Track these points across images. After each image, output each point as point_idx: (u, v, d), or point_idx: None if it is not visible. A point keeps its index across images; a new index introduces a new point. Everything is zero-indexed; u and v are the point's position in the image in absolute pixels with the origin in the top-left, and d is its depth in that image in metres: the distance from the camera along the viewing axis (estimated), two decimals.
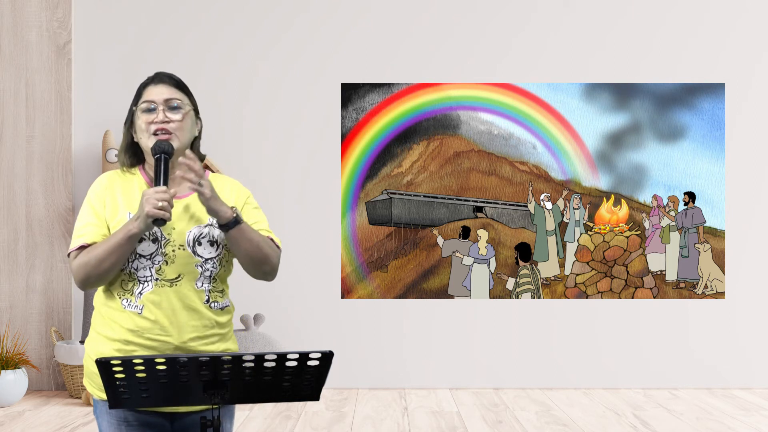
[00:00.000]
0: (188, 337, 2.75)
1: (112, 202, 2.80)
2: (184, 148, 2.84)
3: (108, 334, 2.78)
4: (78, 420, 5.78)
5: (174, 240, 2.75)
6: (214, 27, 6.89)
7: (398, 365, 6.91)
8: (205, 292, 2.79)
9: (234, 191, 2.92)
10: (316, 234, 6.86)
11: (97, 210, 2.79)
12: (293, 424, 5.65)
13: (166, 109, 2.80)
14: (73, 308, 6.77)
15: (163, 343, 2.73)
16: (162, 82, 2.83)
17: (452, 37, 6.92)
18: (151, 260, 2.74)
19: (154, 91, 2.81)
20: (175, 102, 2.81)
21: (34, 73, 6.76)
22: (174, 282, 2.75)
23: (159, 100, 2.79)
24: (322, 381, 2.54)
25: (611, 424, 5.66)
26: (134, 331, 2.74)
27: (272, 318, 6.81)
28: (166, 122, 2.78)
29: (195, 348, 2.75)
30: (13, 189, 6.74)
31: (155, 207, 2.64)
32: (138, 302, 2.74)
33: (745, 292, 6.91)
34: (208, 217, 2.79)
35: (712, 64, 6.92)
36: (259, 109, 6.88)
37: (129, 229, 2.68)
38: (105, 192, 2.82)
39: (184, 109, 2.83)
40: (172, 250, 2.75)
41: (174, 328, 2.74)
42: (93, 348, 2.82)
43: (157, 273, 2.74)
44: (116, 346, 2.75)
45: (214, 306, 2.81)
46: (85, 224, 2.79)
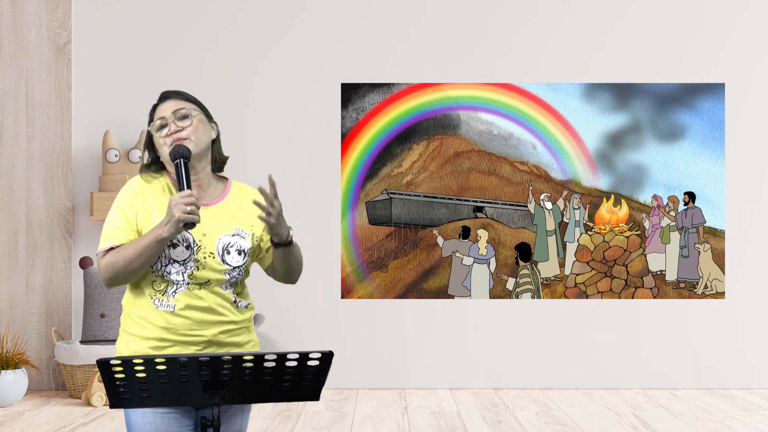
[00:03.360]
0: (219, 331, 2.86)
1: (144, 209, 2.89)
2: (202, 152, 2.93)
3: (140, 333, 2.85)
4: (78, 420, 5.78)
5: (205, 247, 2.86)
6: (214, 27, 6.89)
7: (398, 365, 6.91)
8: (232, 294, 2.91)
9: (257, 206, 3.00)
10: (316, 234, 6.86)
11: (128, 215, 2.88)
12: (293, 424, 5.65)
13: (176, 120, 2.90)
14: (73, 308, 6.77)
15: (198, 336, 2.84)
16: (168, 99, 2.95)
17: (452, 37, 6.92)
18: (184, 265, 2.85)
19: (163, 108, 2.93)
20: (182, 112, 2.91)
21: (34, 73, 6.76)
22: (204, 285, 2.85)
23: (168, 114, 2.91)
24: (322, 381, 2.55)
25: (611, 424, 5.66)
26: (168, 328, 2.83)
27: (272, 318, 6.81)
28: (178, 130, 2.89)
29: (224, 339, 2.87)
30: (13, 189, 6.75)
31: (184, 212, 2.74)
32: (171, 301, 2.84)
33: (745, 292, 6.91)
34: (235, 226, 2.92)
35: (712, 64, 6.92)
36: (259, 109, 6.89)
37: (159, 234, 2.77)
38: (136, 197, 2.90)
39: (192, 115, 2.92)
40: (204, 257, 2.85)
41: (206, 324, 2.85)
42: (126, 347, 2.89)
43: (189, 277, 2.84)
44: (151, 344, 2.84)
45: (241, 305, 2.93)
46: (115, 227, 2.87)
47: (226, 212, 2.94)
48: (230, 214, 2.94)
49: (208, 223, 2.89)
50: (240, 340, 2.91)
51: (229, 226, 2.91)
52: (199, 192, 2.94)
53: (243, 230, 2.93)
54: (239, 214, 2.95)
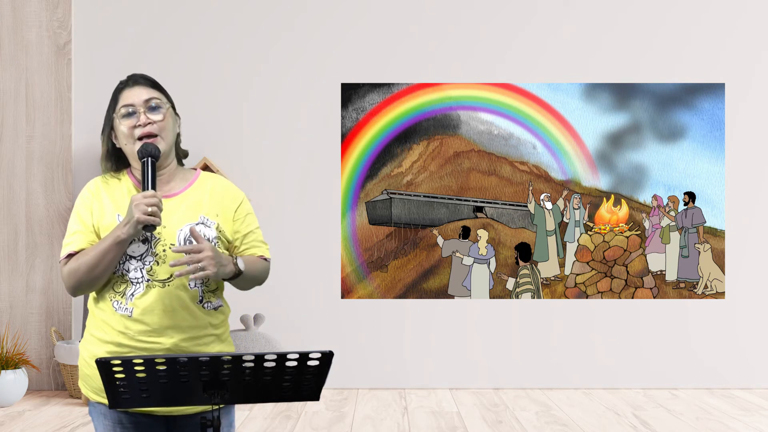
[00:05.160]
0: (180, 338, 2.72)
1: (99, 207, 2.77)
2: (169, 148, 2.82)
3: (100, 336, 2.76)
4: (78, 420, 5.78)
5: (165, 239, 2.72)
6: (214, 27, 6.89)
7: (398, 365, 6.91)
8: (199, 292, 2.75)
9: (227, 195, 2.87)
10: (316, 234, 6.86)
11: (84, 218, 2.76)
12: (293, 424, 5.65)
13: (147, 111, 2.76)
14: (73, 308, 6.77)
15: (155, 344, 2.71)
16: (137, 84, 2.80)
17: (452, 37, 6.92)
18: (142, 261, 2.71)
19: (131, 93, 2.78)
20: (154, 102, 2.78)
21: (34, 73, 6.76)
22: (166, 282, 2.71)
23: (138, 102, 2.77)
24: (322, 381, 2.54)
25: (611, 424, 5.66)
26: (124, 333, 2.72)
27: (272, 318, 6.81)
28: (149, 124, 2.75)
29: (188, 349, 2.73)
30: (13, 189, 6.75)
31: (145, 213, 2.61)
32: (128, 305, 2.71)
33: (745, 292, 6.91)
34: (200, 214, 2.77)
35: (712, 64, 6.92)
36: (259, 108, 6.88)
37: (117, 235, 2.65)
38: (91, 199, 2.79)
39: (164, 108, 2.79)
40: (163, 250, 2.71)
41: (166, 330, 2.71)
42: (86, 350, 2.81)
43: (148, 274, 2.71)
44: (108, 348, 2.74)
45: (208, 306, 2.78)
46: (72, 232, 2.77)
47: (190, 200, 2.79)
48: (194, 202, 2.79)
49: (170, 214, 2.74)
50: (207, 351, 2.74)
51: (193, 214, 2.77)
52: (164, 186, 2.81)
53: (208, 219, 2.77)
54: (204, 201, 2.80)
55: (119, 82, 2.86)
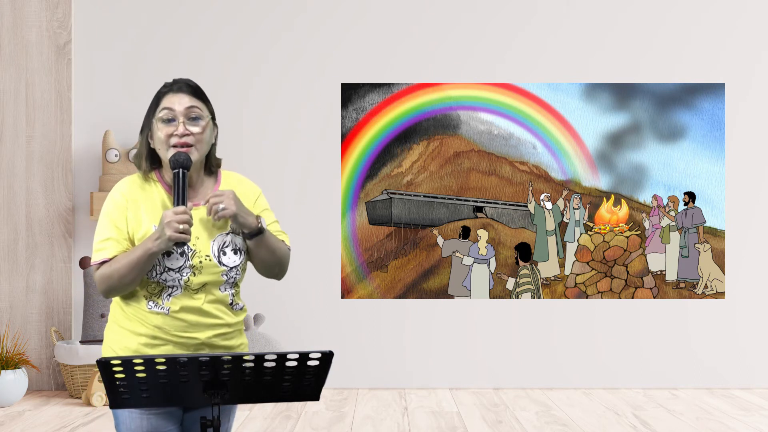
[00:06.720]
0: (213, 333, 2.82)
1: (135, 217, 2.80)
2: (202, 158, 2.84)
3: (134, 328, 2.80)
4: (78, 420, 5.78)
5: (200, 251, 2.79)
6: (214, 27, 6.89)
7: (398, 365, 6.91)
8: (229, 296, 2.85)
9: (245, 193, 2.92)
10: (316, 234, 6.86)
11: (119, 225, 2.79)
12: (293, 424, 5.65)
13: (186, 121, 2.78)
14: (73, 308, 6.77)
15: (191, 339, 2.80)
16: (181, 91, 2.80)
17: (452, 37, 6.92)
18: (180, 273, 2.78)
19: (174, 99, 2.79)
20: (195, 112, 2.79)
21: (34, 73, 6.76)
22: (200, 290, 2.80)
23: (179, 109, 2.78)
24: (322, 381, 2.54)
25: (611, 424, 5.66)
26: (162, 328, 2.78)
27: (272, 318, 6.81)
28: (186, 135, 2.77)
29: (217, 342, 2.83)
30: (13, 189, 6.75)
31: (176, 231, 2.67)
32: (165, 304, 2.78)
33: (745, 292, 6.91)
34: (230, 223, 2.82)
35: (712, 64, 6.92)
36: (259, 108, 6.89)
37: (149, 248, 2.71)
38: (126, 205, 2.81)
39: (204, 120, 2.81)
40: (199, 261, 2.79)
41: (201, 326, 2.80)
42: (118, 342, 2.83)
43: (185, 283, 2.79)
44: (143, 341, 2.79)
45: (236, 308, 2.88)
46: (105, 238, 2.79)
47: None
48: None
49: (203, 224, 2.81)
50: (232, 344, 2.87)
51: (224, 224, 2.83)
52: (191, 193, 2.84)
53: None
54: None
55: (163, 84, 2.86)
